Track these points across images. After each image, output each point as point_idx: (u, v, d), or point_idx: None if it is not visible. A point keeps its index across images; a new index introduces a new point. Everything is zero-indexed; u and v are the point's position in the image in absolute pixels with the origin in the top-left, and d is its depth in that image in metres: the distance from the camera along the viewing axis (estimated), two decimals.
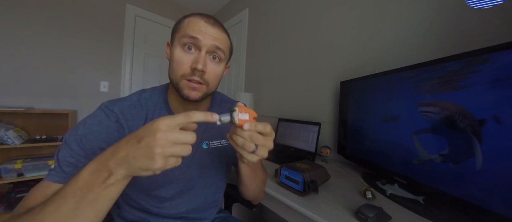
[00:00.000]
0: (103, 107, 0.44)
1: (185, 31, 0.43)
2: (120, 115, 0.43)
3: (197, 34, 0.42)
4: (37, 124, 1.63)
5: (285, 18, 1.54)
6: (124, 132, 0.43)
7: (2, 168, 1.36)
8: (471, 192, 0.49)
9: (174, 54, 0.44)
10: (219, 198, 0.62)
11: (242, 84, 1.97)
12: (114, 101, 0.45)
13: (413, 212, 0.54)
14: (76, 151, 0.38)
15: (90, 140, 0.39)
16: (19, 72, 1.58)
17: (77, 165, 0.38)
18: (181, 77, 0.43)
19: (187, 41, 0.43)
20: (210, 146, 0.55)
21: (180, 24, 0.45)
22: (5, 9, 1.50)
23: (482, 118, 0.46)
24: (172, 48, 0.46)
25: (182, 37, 0.43)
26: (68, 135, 0.39)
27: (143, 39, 2.22)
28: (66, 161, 0.38)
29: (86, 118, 0.42)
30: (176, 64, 0.43)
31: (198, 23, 0.43)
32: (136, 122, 0.45)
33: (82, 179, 0.29)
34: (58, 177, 0.36)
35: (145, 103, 0.48)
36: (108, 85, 1.99)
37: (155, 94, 0.50)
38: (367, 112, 0.84)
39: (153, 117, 0.47)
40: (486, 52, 0.47)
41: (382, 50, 0.94)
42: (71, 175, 0.34)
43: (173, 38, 0.46)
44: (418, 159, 0.61)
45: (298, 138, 1.14)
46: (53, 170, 0.38)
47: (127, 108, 0.45)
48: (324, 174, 0.68)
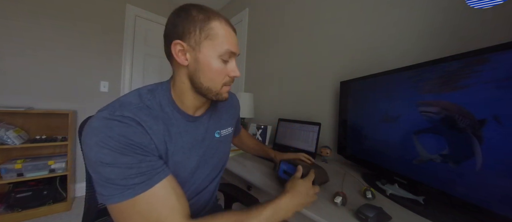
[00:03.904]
0: (109, 117, 0.37)
1: (226, 45, 0.44)
2: (136, 118, 0.39)
3: (236, 50, 0.47)
4: (37, 124, 1.63)
5: (285, 18, 1.54)
6: (148, 134, 0.40)
7: (2, 168, 1.37)
8: (471, 192, 0.49)
9: (214, 65, 0.44)
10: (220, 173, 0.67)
11: (242, 84, 1.97)
12: (115, 108, 0.39)
13: (413, 212, 0.54)
14: (128, 161, 0.35)
15: (131, 147, 0.36)
16: (19, 72, 1.58)
17: (141, 172, 0.36)
18: (222, 85, 0.47)
19: (227, 55, 0.45)
20: (221, 134, 0.60)
21: (211, 30, 0.43)
22: (4, 9, 1.50)
23: (482, 118, 0.46)
24: (204, 56, 0.43)
25: (224, 52, 0.44)
26: (98, 157, 0.34)
27: (143, 39, 2.22)
28: (127, 174, 0.34)
29: (101, 130, 0.35)
30: (217, 74, 0.46)
31: (233, 36, 0.47)
32: (152, 122, 0.41)
33: (279, 207, 0.45)
34: (138, 190, 0.34)
35: (151, 104, 0.44)
36: (108, 85, 1.99)
37: (158, 95, 0.47)
38: (367, 111, 0.84)
39: (166, 118, 0.45)
40: (486, 52, 0.47)
41: (382, 50, 0.94)
42: (145, 182, 0.35)
43: (199, 42, 0.43)
44: (418, 159, 0.61)
45: (298, 138, 1.14)
46: (121, 191, 0.34)
47: (137, 111, 0.40)
48: (324, 174, 0.68)
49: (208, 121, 0.56)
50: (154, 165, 0.38)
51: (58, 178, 1.61)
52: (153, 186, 0.36)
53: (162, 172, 0.39)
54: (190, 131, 0.50)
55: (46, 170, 1.51)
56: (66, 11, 1.75)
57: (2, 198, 1.44)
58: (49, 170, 1.53)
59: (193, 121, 0.51)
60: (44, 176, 1.51)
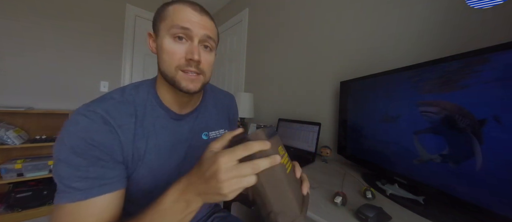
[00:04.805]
0: (82, 111, 0.37)
1: (174, 21, 0.41)
2: (105, 114, 0.38)
3: (188, 25, 0.41)
4: (37, 124, 1.63)
5: (285, 18, 1.54)
6: (115, 132, 0.39)
7: (2, 168, 1.36)
8: (471, 192, 0.49)
9: (164, 45, 0.41)
10: None
11: (242, 84, 1.97)
12: (93, 103, 0.40)
13: (413, 212, 0.54)
14: (78, 162, 0.34)
15: (86, 148, 0.35)
16: (19, 72, 1.58)
17: (87, 176, 0.34)
18: (176, 69, 0.42)
19: (177, 32, 0.41)
20: (210, 136, 0.55)
21: (164, 12, 0.42)
22: (4, 9, 1.50)
23: (482, 118, 0.46)
24: (159, 38, 0.43)
25: (171, 27, 0.41)
26: (57, 151, 0.34)
27: (143, 39, 2.22)
28: (73, 176, 0.34)
29: (67, 126, 0.36)
30: (169, 56, 0.41)
31: (185, 10, 0.41)
32: (125, 119, 0.41)
33: (163, 209, 0.31)
34: (75, 196, 0.33)
35: (132, 100, 0.44)
36: (108, 85, 1.99)
37: (142, 90, 0.47)
38: (367, 111, 0.84)
39: (145, 113, 0.44)
40: (486, 52, 0.47)
41: (382, 50, 0.94)
42: (86, 190, 0.33)
43: (157, 28, 0.43)
44: (418, 159, 0.61)
45: (298, 138, 1.14)
46: (61, 192, 0.33)
47: (111, 106, 0.40)
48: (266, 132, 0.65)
49: (193, 120, 0.53)
50: (104, 173, 0.36)
51: None
52: (90, 198, 0.33)
53: (110, 184, 0.36)
54: (172, 129, 0.47)
55: (46, 170, 1.51)
56: (66, 11, 1.75)
57: (2, 198, 1.44)
58: (49, 170, 1.52)
59: (177, 119, 0.49)
60: (44, 176, 1.50)
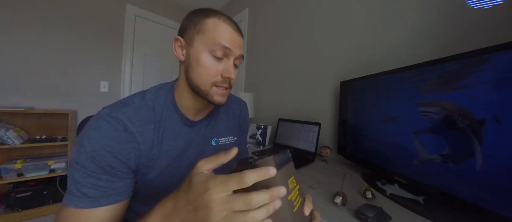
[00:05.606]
0: (104, 116, 0.38)
1: (216, 38, 0.41)
2: (128, 122, 0.39)
3: (229, 45, 0.42)
4: (37, 124, 1.63)
5: (285, 18, 1.54)
6: (136, 140, 0.39)
7: (2, 168, 1.37)
8: (471, 192, 0.49)
9: (202, 60, 0.42)
10: None
11: (242, 84, 1.97)
12: (115, 108, 0.40)
13: (413, 212, 0.54)
14: (92, 168, 0.35)
15: (102, 156, 0.35)
16: (19, 72, 1.58)
17: (98, 184, 0.35)
18: (211, 84, 0.44)
19: (219, 50, 0.42)
20: (218, 143, 0.56)
21: (202, 25, 0.42)
22: (4, 9, 1.50)
23: (482, 118, 0.46)
24: (194, 50, 0.43)
25: (212, 44, 0.42)
26: (76, 154, 0.36)
27: (143, 39, 2.22)
28: (85, 181, 0.35)
29: (88, 131, 0.37)
30: (206, 71, 0.43)
31: (227, 30, 0.43)
32: (146, 126, 0.42)
33: None
34: (84, 203, 0.34)
35: (152, 105, 0.45)
36: (108, 85, 1.99)
37: (161, 94, 0.47)
38: (367, 111, 0.84)
39: (162, 119, 0.45)
40: (486, 52, 0.47)
41: (382, 50, 0.94)
42: (95, 198, 0.35)
43: (190, 37, 0.43)
44: (418, 159, 0.61)
45: (298, 138, 1.14)
46: (71, 195, 0.34)
47: (133, 113, 0.41)
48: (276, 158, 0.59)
49: (205, 127, 0.53)
50: (114, 183, 0.37)
51: (58, 178, 1.61)
52: (97, 207, 0.35)
53: (116, 195, 0.37)
54: (184, 135, 0.48)
55: (46, 170, 1.51)
56: (66, 11, 1.74)
57: (2, 198, 1.44)
58: (49, 170, 1.53)
59: (190, 126, 0.50)
60: (44, 176, 1.51)
